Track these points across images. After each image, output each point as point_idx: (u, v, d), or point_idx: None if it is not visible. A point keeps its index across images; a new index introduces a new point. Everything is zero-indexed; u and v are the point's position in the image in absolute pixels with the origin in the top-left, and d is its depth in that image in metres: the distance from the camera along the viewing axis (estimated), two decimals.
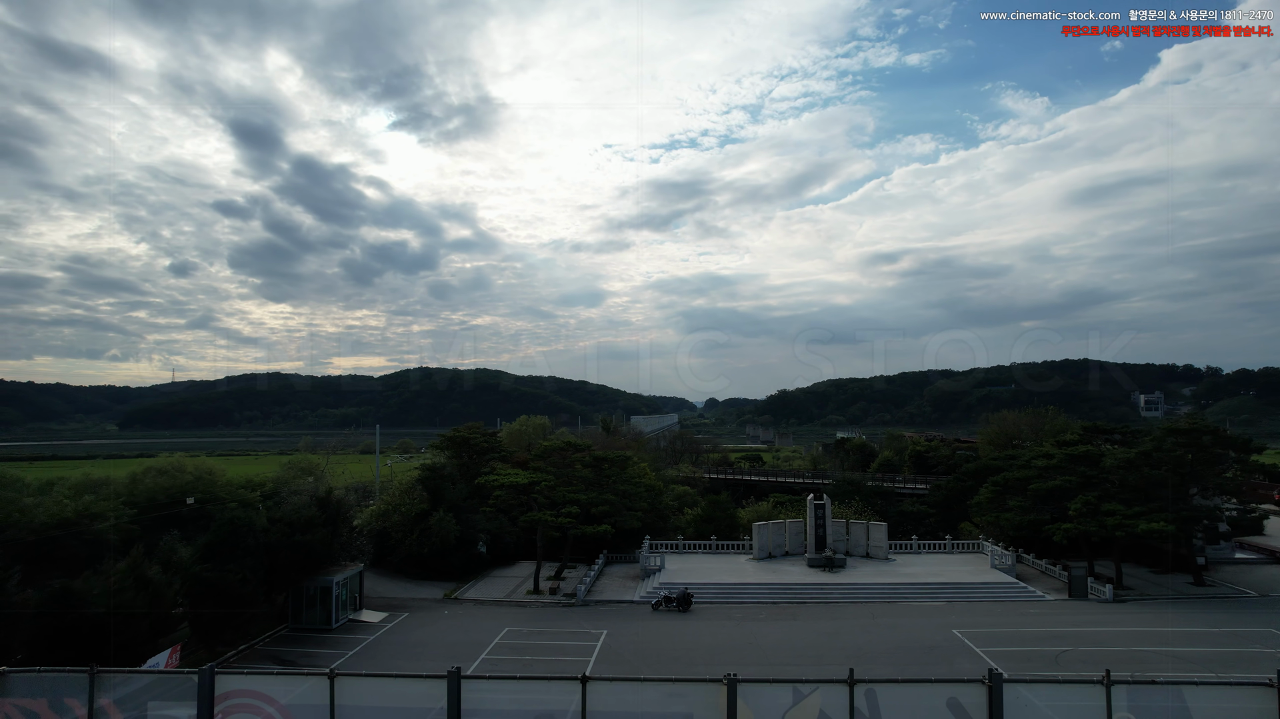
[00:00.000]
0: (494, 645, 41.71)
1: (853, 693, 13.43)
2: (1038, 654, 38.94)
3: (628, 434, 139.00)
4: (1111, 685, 12.19)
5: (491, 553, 62.82)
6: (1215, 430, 52.49)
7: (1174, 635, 42.16)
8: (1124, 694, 12.80)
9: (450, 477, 61.22)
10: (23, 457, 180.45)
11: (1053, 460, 58.04)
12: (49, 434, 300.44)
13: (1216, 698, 12.81)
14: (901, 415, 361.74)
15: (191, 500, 51.07)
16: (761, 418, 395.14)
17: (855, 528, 61.83)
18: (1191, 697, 11.94)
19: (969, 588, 52.34)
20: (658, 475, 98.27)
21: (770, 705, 13.36)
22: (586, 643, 42.17)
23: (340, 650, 41.09)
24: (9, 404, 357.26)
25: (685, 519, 70.12)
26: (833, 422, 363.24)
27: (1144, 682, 12.58)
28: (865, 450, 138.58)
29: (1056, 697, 13.28)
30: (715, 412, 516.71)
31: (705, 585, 52.84)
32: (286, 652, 41.14)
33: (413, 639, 43.60)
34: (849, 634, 43.38)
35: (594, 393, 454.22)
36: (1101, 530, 51.50)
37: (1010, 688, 12.97)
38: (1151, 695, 12.13)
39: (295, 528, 42.29)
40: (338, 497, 50.48)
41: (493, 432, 72.15)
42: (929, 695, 13.66)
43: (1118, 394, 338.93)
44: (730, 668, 36.92)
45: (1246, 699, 12.81)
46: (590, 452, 59.11)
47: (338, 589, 45.16)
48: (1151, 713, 12.28)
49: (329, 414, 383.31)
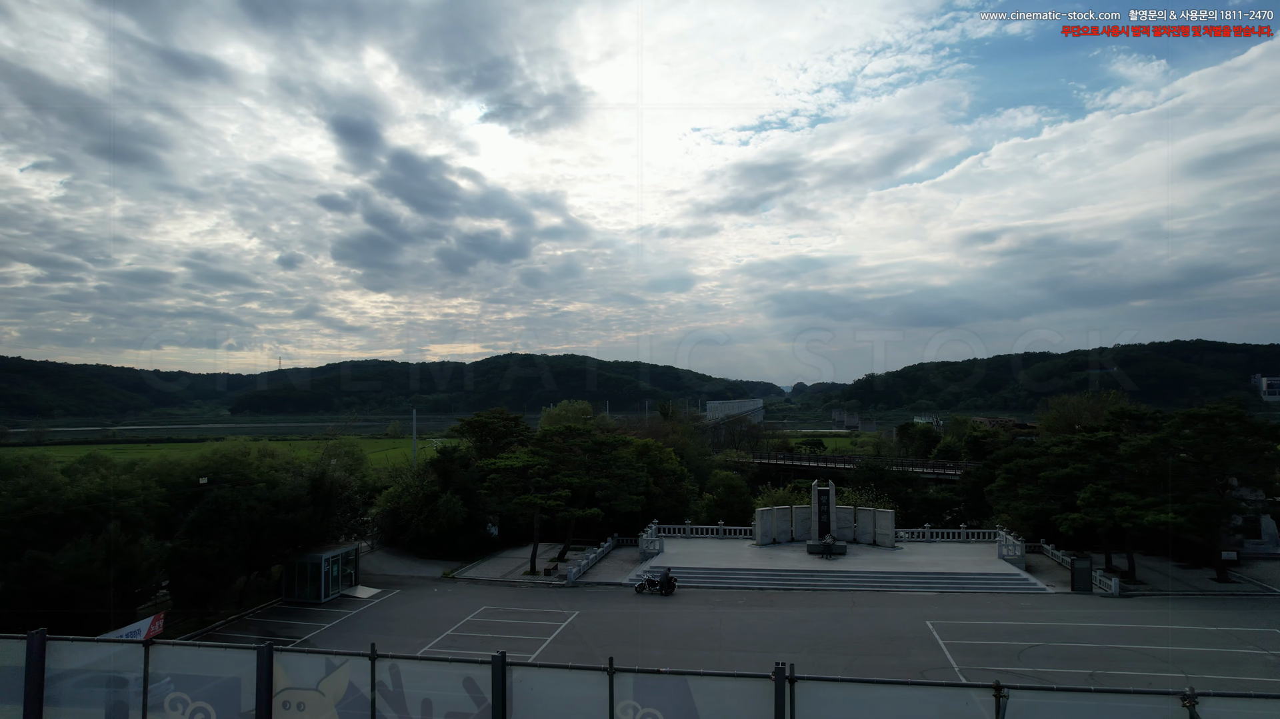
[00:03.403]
0: (463, 623, 43.28)
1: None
2: (1002, 649, 37.51)
3: (686, 419, 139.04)
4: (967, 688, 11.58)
5: (505, 534, 64.74)
6: (1240, 417, 48.67)
7: (1164, 633, 39.76)
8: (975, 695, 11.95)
9: (462, 460, 63.30)
10: (144, 439, 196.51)
11: (1071, 447, 55.32)
12: (170, 419, 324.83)
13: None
14: (995, 400, 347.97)
15: (204, 480, 54.74)
16: (848, 403, 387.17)
17: (863, 515, 60.54)
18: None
19: (966, 579, 50.63)
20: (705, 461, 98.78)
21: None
22: (553, 623, 43.21)
23: (319, 623, 43.58)
24: (138, 391, 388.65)
25: (700, 504, 70.20)
26: (922, 407, 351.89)
27: (1027, 687, 12.12)
28: (929, 436, 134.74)
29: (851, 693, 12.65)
30: (803, 397, 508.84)
31: (695, 570, 53.04)
32: (271, 622, 43.94)
33: (392, 614, 45.72)
34: (816, 622, 42.84)
35: (680, 377, 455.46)
36: (1109, 521, 48.85)
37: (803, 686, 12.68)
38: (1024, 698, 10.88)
39: (281, 507, 44.92)
40: (335, 478, 53.05)
41: (515, 417, 73.83)
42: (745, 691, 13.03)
43: (1236, 377, 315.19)
44: (672, 652, 37.42)
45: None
46: (590, 436, 59.92)
47: (327, 566, 47.73)
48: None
49: (422, 400, 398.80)
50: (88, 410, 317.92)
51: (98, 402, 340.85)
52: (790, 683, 10.06)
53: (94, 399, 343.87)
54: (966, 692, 9.72)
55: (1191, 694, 8.71)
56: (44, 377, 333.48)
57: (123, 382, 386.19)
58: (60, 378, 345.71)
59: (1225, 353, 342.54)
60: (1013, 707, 9.17)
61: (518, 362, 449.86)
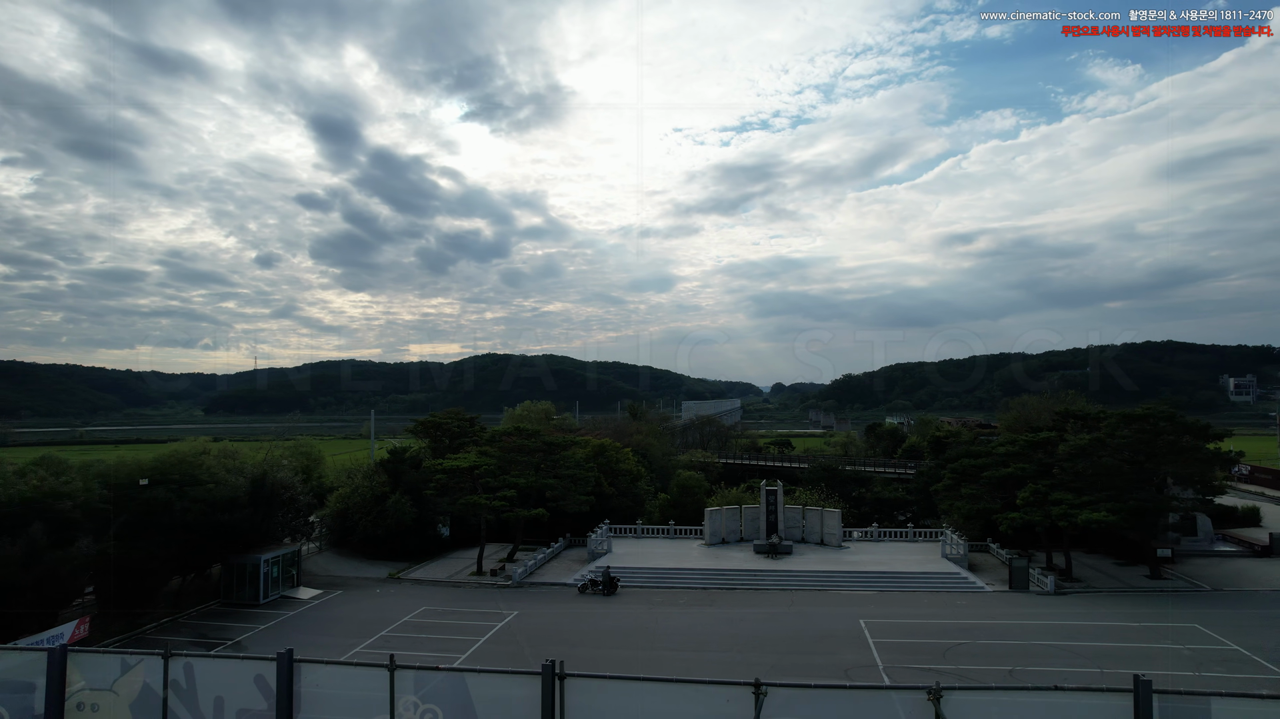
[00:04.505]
0: (400, 624, 43.17)
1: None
2: (929, 647, 37.87)
3: (654, 420, 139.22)
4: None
5: (457, 535, 64.57)
6: (1173, 417, 49.45)
7: (1090, 629, 40.39)
8: (780, 696, 12.29)
9: (413, 461, 63.11)
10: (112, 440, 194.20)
11: (1015, 447, 56.03)
12: (143, 419, 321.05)
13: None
14: (970, 400, 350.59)
15: (144, 481, 54.14)
16: (825, 403, 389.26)
17: (811, 514, 60.94)
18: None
19: (907, 577, 51.10)
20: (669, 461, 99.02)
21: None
22: (490, 623, 43.18)
23: (255, 625, 43.32)
24: (111, 391, 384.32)
25: (654, 504, 70.38)
26: (898, 407, 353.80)
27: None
28: (896, 436, 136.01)
29: (621, 689, 13.09)
30: (781, 397, 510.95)
31: (641, 570, 53.21)
32: (205, 624, 43.63)
33: (330, 615, 45.54)
34: (751, 622, 43.08)
35: (658, 377, 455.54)
36: (1047, 520, 49.52)
37: (572, 682, 12.93)
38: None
39: (217, 508, 44.60)
40: (279, 479, 52.73)
41: (471, 417, 73.64)
42: None
43: (1205, 378, 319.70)
44: (604, 652, 37.56)
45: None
46: (540, 437, 59.94)
47: (267, 567, 47.48)
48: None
49: (399, 400, 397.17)
50: (56, 411, 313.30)
51: (67, 402, 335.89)
52: (560, 679, 10.22)
53: (64, 399, 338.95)
54: (729, 688, 9.91)
55: (936, 689, 8.93)
56: (11, 376, 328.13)
57: (94, 381, 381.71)
58: (28, 378, 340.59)
59: (1195, 353, 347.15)
60: (768, 703, 9.38)
61: (497, 362, 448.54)
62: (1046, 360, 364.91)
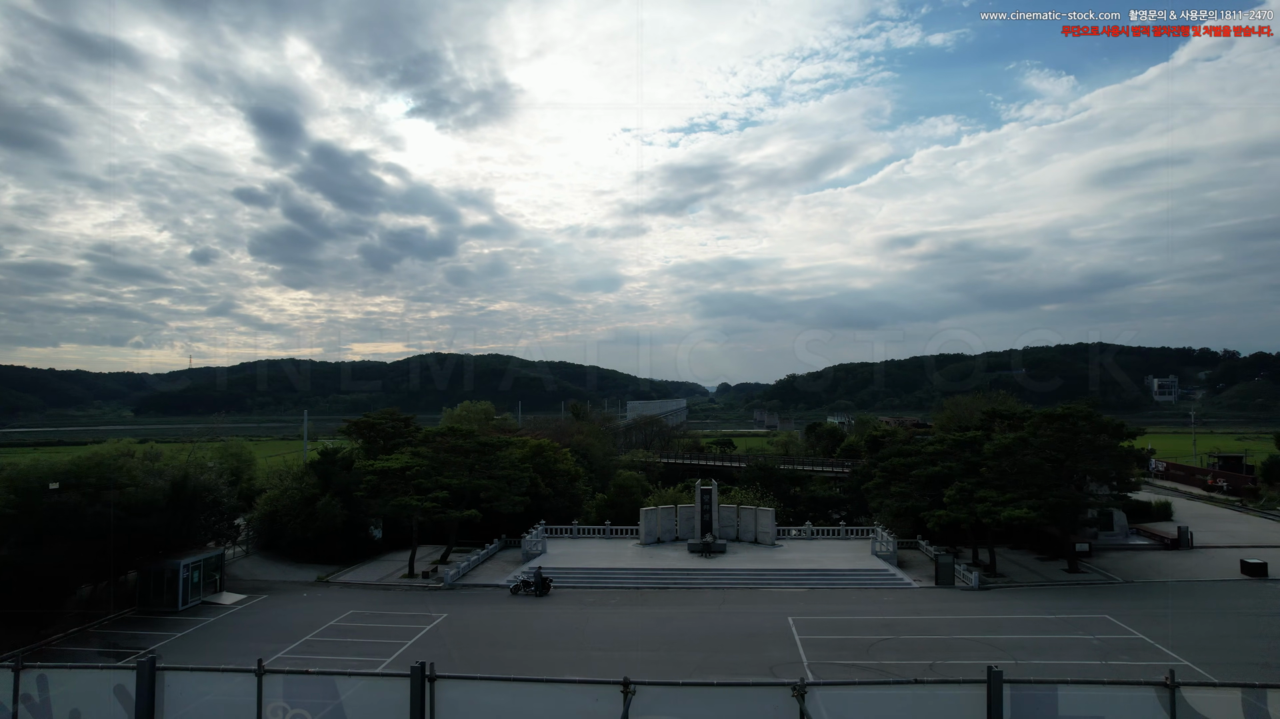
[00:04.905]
0: (325, 628, 42.21)
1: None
2: (854, 643, 38.41)
3: (597, 420, 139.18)
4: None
5: (391, 537, 63.42)
6: (1090, 416, 51.23)
7: (1009, 623, 41.52)
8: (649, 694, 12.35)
9: (344, 462, 61.85)
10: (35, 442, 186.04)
11: (943, 446, 57.36)
12: (67, 421, 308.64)
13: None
14: (910, 400, 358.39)
15: (54, 485, 52.03)
16: (770, 403, 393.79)
17: (745, 513, 61.50)
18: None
19: (837, 575, 51.87)
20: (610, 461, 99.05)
21: None
22: (418, 626, 42.49)
23: (171, 633, 41.87)
24: (32, 391, 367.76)
25: (591, 505, 70.25)
26: (840, 406, 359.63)
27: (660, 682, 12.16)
28: (835, 435, 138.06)
29: (488, 688, 13.05)
30: (726, 397, 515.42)
31: (574, 570, 53.03)
32: (117, 633, 41.96)
33: (252, 621, 44.31)
34: (681, 620, 43.22)
35: (605, 378, 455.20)
36: (972, 517, 50.78)
37: (442, 684, 12.73)
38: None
39: (131, 512, 43.02)
40: (201, 481, 51.15)
41: (407, 418, 72.51)
42: None
43: (1132, 378, 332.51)
44: (531, 653, 37.29)
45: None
46: (474, 437, 59.29)
47: (186, 572, 45.98)
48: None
49: (341, 399, 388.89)
50: None
51: None
52: (430, 681, 10.09)
53: None
54: (597, 687, 9.88)
55: (801, 685, 9.04)
56: None
57: (14, 381, 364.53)
58: None
59: (1125, 355, 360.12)
60: (637, 702, 9.38)
61: (441, 361, 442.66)
62: (985, 361, 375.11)
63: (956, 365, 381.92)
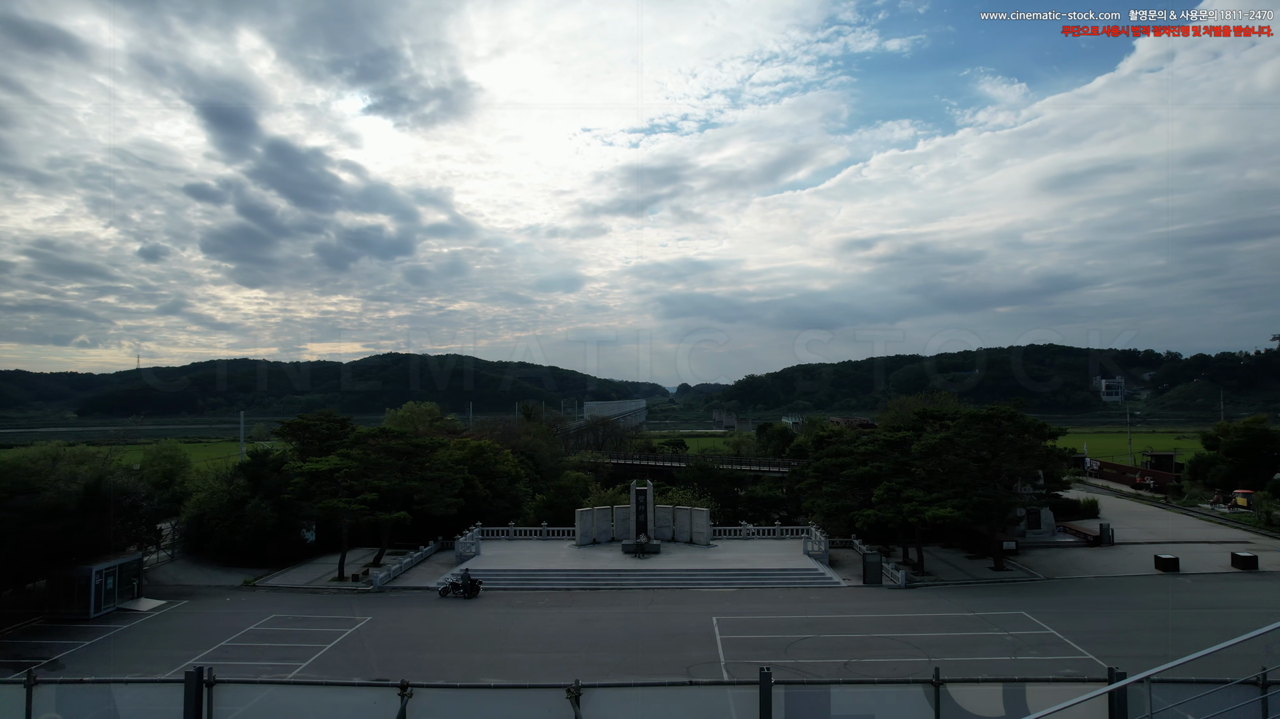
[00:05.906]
0: (243, 633, 41.42)
1: None
2: (774, 643, 38.68)
3: (547, 420, 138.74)
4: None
5: (324, 540, 62.46)
6: (1013, 416, 52.32)
7: (929, 621, 42.13)
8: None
9: (275, 463, 60.73)
10: None
11: (874, 446, 58.09)
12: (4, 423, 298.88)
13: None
14: (866, 400, 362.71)
15: None
16: (729, 403, 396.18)
17: (680, 514, 61.70)
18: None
19: (768, 574, 52.27)
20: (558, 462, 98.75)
21: None
22: (339, 630, 41.87)
23: (80, 640, 40.72)
24: None
25: (531, 506, 69.93)
26: (798, 407, 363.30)
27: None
28: (786, 435, 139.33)
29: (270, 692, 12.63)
30: (686, 397, 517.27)
31: (507, 572, 52.74)
32: (22, 643, 40.59)
33: (168, 627, 43.29)
34: (606, 621, 43.25)
35: (564, 378, 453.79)
36: (899, 517, 51.51)
37: (220, 688, 12.33)
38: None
39: (37, 517, 41.76)
40: (118, 484, 49.89)
41: (343, 419, 71.50)
42: None
43: (1081, 379, 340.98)
44: (453, 655, 36.97)
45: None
46: (406, 439, 58.62)
47: (99, 578, 44.72)
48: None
49: (295, 400, 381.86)
50: None
51: None
52: (208, 686, 9.95)
53: None
54: (371, 690, 9.83)
55: (575, 687, 9.07)
56: None
57: None
58: None
59: (1074, 356, 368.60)
60: (414, 706, 9.32)
61: (399, 361, 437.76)
62: (939, 362, 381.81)
63: (912, 367, 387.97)
